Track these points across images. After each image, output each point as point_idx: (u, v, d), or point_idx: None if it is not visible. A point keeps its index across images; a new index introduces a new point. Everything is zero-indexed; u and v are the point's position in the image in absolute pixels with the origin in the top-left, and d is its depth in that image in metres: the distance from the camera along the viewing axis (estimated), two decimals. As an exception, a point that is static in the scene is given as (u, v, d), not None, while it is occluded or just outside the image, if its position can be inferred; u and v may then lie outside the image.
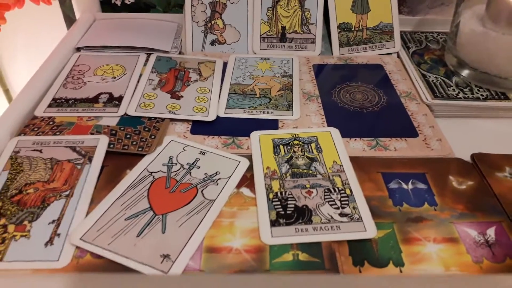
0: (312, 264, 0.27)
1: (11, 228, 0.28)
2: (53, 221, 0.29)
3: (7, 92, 0.68)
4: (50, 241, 0.28)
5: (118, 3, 0.58)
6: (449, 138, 0.38)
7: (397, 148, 0.36)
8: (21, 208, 0.30)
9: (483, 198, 0.32)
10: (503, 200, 0.32)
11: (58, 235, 0.28)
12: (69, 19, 0.59)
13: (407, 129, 0.38)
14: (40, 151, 0.34)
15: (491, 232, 0.29)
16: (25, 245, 0.28)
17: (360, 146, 0.36)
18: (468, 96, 0.42)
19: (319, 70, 0.47)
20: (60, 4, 0.58)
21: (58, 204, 0.30)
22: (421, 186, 0.33)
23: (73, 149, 0.34)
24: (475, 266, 0.27)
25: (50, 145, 0.35)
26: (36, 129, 0.37)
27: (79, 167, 0.33)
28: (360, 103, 0.42)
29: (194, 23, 0.49)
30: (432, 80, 0.44)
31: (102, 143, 0.35)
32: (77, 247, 0.28)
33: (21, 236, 0.28)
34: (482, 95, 0.42)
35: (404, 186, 0.33)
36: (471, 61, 0.44)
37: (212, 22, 0.49)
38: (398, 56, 0.50)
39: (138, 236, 0.28)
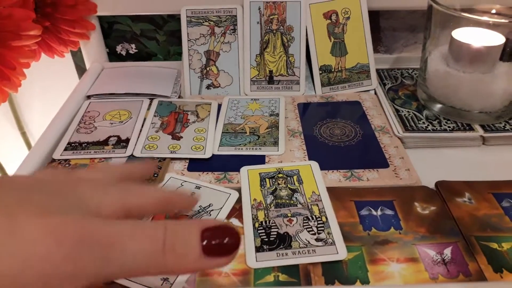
0: (290, 284, 0.32)
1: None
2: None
3: (24, 134, 0.74)
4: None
5: (123, 53, 0.64)
6: (417, 167, 0.42)
7: (370, 178, 0.41)
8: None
9: (443, 221, 0.36)
10: (460, 223, 0.36)
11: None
12: (80, 68, 0.66)
13: (379, 161, 0.43)
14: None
15: (447, 252, 0.34)
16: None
17: (337, 177, 0.41)
18: (436, 128, 0.47)
19: (304, 108, 0.52)
20: (72, 56, 0.65)
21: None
22: (389, 212, 0.37)
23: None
24: (431, 282, 0.31)
25: (66, 186, 0.40)
26: (53, 171, 0.42)
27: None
28: (338, 137, 0.47)
29: (191, 70, 0.55)
30: (405, 114, 0.49)
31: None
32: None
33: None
34: (449, 126, 0.47)
35: (374, 212, 0.37)
36: (438, 96, 0.49)
37: (208, 68, 0.55)
38: (375, 93, 0.55)
39: (141, 263, 0.33)
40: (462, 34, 0.47)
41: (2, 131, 0.75)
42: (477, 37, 0.45)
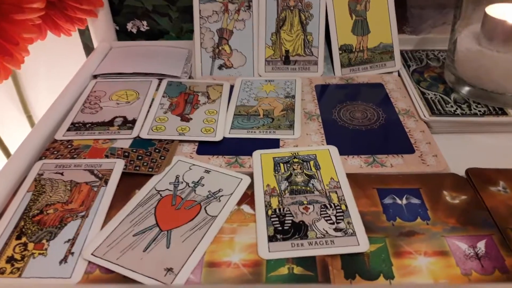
0: (306, 278, 0.29)
1: (30, 246, 0.31)
2: (69, 240, 0.31)
3: (30, 118, 0.72)
4: (64, 259, 0.30)
5: (134, 30, 0.62)
6: (445, 153, 0.39)
7: (394, 164, 0.38)
8: (40, 227, 0.32)
9: (475, 212, 0.33)
10: (495, 214, 0.32)
11: (72, 253, 0.30)
12: (88, 48, 0.63)
13: (404, 146, 0.40)
14: (62, 173, 0.37)
15: (481, 245, 0.30)
16: (42, 262, 0.30)
17: (357, 163, 0.38)
18: (465, 112, 0.43)
19: (321, 90, 0.49)
20: (80, 35, 0.63)
21: (74, 224, 0.33)
22: (415, 201, 0.34)
23: (91, 172, 0.37)
24: (464, 278, 0.28)
25: (71, 168, 0.38)
26: (55, 152, 0.40)
27: (95, 189, 0.36)
28: (359, 121, 0.43)
29: (203, 49, 0.52)
30: (431, 97, 0.46)
31: (118, 166, 0.38)
32: (88, 263, 0.30)
33: (39, 254, 0.30)
34: (479, 111, 0.43)
35: (398, 201, 0.34)
36: (468, 78, 0.45)
37: (220, 47, 0.52)
38: (399, 75, 0.51)
39: (144, 251, 0.31)
40: (496, 11, 0.43)
41: (7, 113, 0.73)
42: (514, 13, 0.41)
